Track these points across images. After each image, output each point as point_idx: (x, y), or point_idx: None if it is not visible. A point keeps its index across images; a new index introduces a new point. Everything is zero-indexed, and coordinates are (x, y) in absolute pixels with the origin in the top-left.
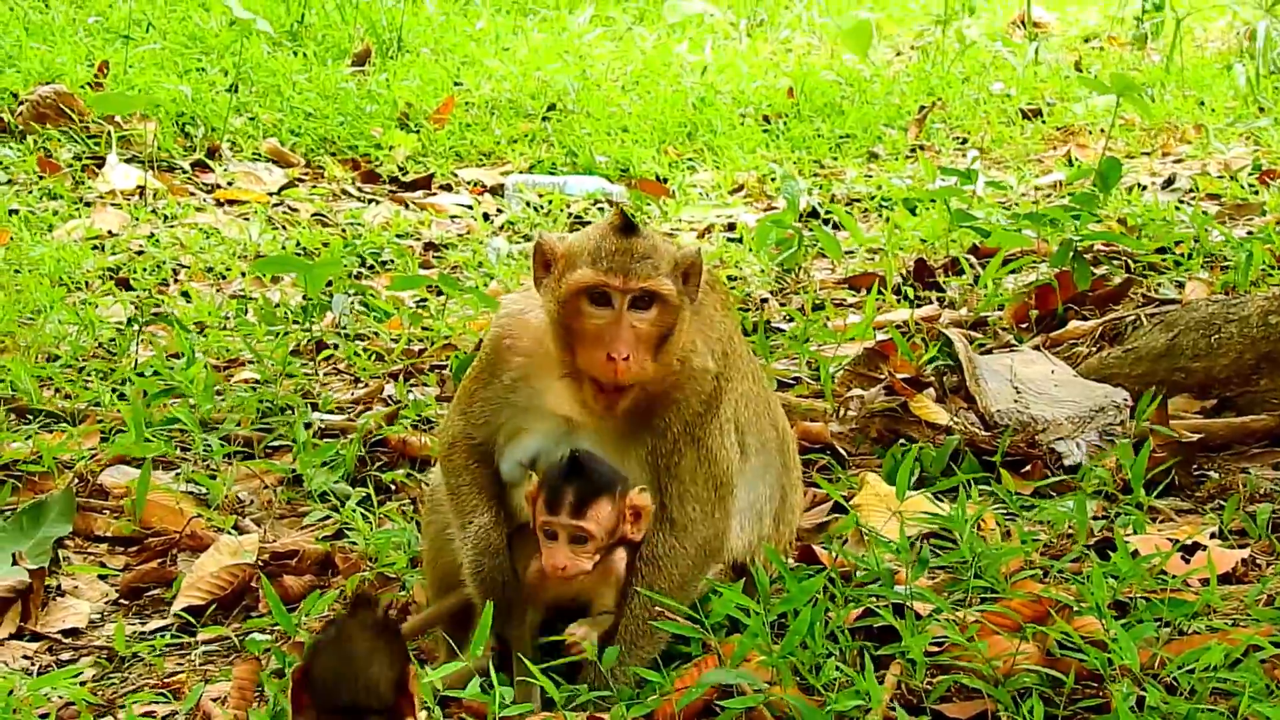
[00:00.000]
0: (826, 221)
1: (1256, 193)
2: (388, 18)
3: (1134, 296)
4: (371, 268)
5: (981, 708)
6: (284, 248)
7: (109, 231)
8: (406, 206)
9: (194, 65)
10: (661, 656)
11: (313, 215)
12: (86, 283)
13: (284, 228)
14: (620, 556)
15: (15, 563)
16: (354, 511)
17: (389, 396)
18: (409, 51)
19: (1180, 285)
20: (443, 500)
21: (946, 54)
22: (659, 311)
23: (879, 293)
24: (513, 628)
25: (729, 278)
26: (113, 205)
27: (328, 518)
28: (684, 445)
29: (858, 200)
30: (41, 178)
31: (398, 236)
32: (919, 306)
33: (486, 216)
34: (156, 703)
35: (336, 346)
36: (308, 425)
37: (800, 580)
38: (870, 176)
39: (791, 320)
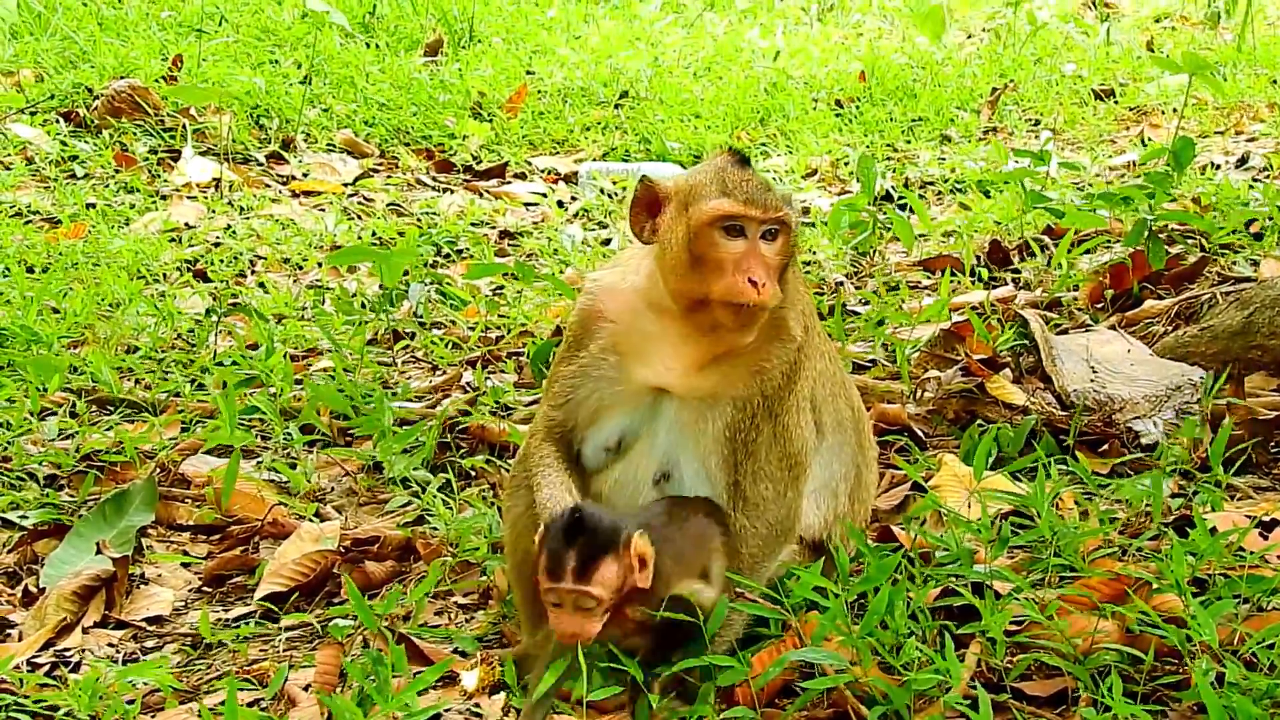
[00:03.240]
0: (900, 205)
1: None
2: (459, 8)
3: (1209, 275)
4: (447, 256)
5: (1061, 685)
6: (360, 238)
7: (186, 224)
8: (481, 195)
9: (267, 58)
10: (738, 639)
11: (388, 205)
12: (164, 275)
13: (359, 218)
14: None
15: (99, 551)
16: (434, 497)
17: (467, 384)
18: (481, 41)
19: (1255, 263)
20: (527, 482)
21: (1018, 36)
22: (784, 241)
23: (953, 275)
24: None
25: (804, 262)
26: (189, 198)
27: (408, 504)
28: (761, 421)
29: (931, 183)
30: (118, 171)
31: (473, 225)
32: (994, 288)
33: (561, 204)
34: (241, 689)
35: (414, 335)
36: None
37: (880, 559)
38: (943, 159)
39: (867, 303)
